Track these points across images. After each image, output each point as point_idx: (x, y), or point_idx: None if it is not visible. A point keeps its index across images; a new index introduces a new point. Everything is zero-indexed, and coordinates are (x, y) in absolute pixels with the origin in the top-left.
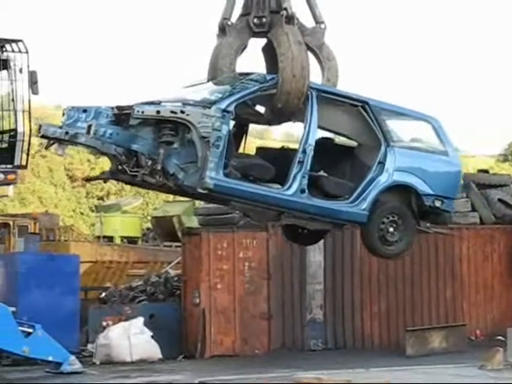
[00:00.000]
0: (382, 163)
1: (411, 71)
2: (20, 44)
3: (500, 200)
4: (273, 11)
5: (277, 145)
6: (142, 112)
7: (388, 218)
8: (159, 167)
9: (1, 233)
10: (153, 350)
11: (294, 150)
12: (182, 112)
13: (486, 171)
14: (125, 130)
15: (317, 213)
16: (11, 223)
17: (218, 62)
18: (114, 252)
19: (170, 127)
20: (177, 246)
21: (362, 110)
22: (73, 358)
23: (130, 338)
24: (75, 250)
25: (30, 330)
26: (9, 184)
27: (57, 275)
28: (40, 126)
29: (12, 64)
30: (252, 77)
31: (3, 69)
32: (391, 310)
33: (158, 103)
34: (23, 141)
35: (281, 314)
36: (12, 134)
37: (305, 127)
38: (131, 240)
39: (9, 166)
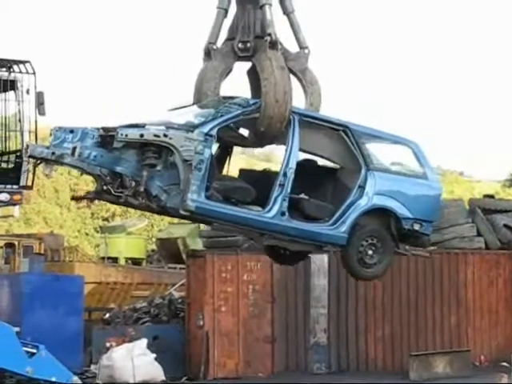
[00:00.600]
0: (361, 187)
1: (414, 98)
2: (27, 65)
3: (506, 225)
4: (257, 36)
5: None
6: (126, 135)
7: (367, 241)
8: (142, 189)
9: (6, 253)
10: (156, 372)
11: (276, 173)
12: (165, 136)
13: (492, 196)
14: (109, 152)
15: (297, 235)
16: (16, 243)
17: (203, 86)
18: (119, 273)
19: (153, 150)
20: (181, 268)
21: (343, 134)
22: (76, 378)
23: (134, 359)
24: (80, 271)
25: (34, 351)
26: (14, 204)
27: (61, 296)
28: (27, 146)
29: (19, 85)
30: (235, 101)
31: (10, 89)
32: (395, 335)
33: (143, 126)
34: (29, 162)
35: (284, 337)
36: (18, 154)
37: (286, 150)
38: (136, 261)
39: (15, 186)
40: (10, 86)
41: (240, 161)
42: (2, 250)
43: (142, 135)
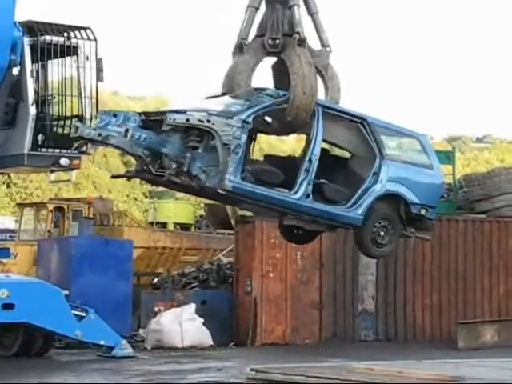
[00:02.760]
0: (376, 174)
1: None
2: (88, 31)
3: None
4: (285, 34)
5: None
6: (174, 119)
7: (380, 223)
8: (185, 169)
9: (55, 217)
10: (204, 337)
11: (297, 158)
12: (208, 121)
13: None
14: (157, 134)
15: (318, 215)
16: (66, 207)
17: (236, 77)
18: (167, 238)
19: (196, 134)
20: (229, 234)
21: (361, 126)
22: (124, 342)
23: (182, 324)
24: (129, 236)
25: (83, 314)
26: (72, 169)
27: (110, 260)
28: (77, 128)
29: (80, 51)
30: (267, 92)
31: (70, 55)
32: (443, 303)
33: (184, 112)
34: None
35: (332, 303)
36: (78, 120)
37: (311, 139)
38: (184, 227)
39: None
40: (69, 51)
41: None
42: (52, 213)
43: (188, 120)
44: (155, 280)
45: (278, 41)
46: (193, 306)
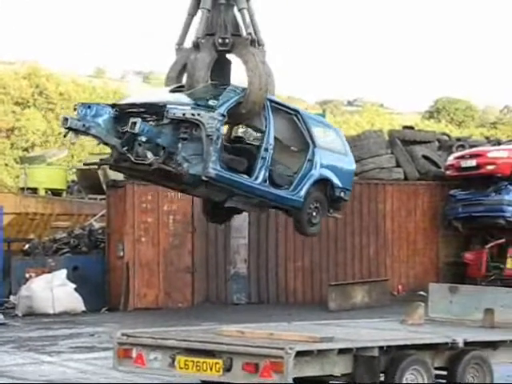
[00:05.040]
0: (311, 160)
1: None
2: None
3: (424, 156)
4: (234, 34)
5: None
6: (174, 113)
7: (313, 205)
8: (179, 157)
9: None
10: (76, 303)
11: (253, 146)
12: (199, 114)
13: (411, 128)
14: (155, 126)
15: (272, 199)
16: None
17: (195, 74)
18: (38, 204)
19: (186, 126)
20: (101, 199)
21: (295, 118)
22: None
23: (53, 289)
24: None
25: None
26: None
27: None
28: (66, 119)
29: None
30: (231, 88)
31: None
32: (315, 266)
33: (164, 105)
34: None
35: (205, 267)
36: None
37: (265, 130)
38: (56, 192)
39: None
40: None
41: None
42: None
43: (184, 114)
44: (26, 246)
45: (227, 40)
46: (64, 272)
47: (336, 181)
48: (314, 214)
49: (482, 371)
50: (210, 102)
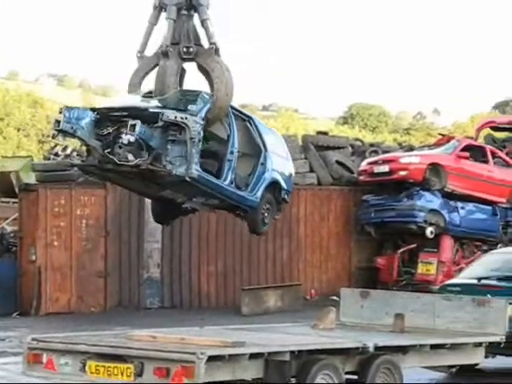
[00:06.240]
0: (263, 164)
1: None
2: None
3: (337, 162)
4: (197, 43)
5: None
6: (168, 117)
7: (266, 206)
8: (169, 158)
9: None
10: None
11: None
12: (186, 118)
13: (325, 133)
14: (150, 129)
15: (235, 199)
16: None
17: (166, 80)
18: None
19: (174, 129)
20: (14, 202)
21: (248, 124)
22: None
23: None
24: None
25: None
26: None
27: None
28: (59, 122)
29: None
30: (204, 94)
31: None
32: (228, 270)
33: (145, 109)
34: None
35: (118, 271)
36: None
37: (230, 134)
38: None
39: None
40: None
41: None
42: None
43: (175, 117)
44: None
45: (191, 49)
46: None
47: (283, 184)
48: (266, 214)
49: (392, 375)
50: (189, 107)
